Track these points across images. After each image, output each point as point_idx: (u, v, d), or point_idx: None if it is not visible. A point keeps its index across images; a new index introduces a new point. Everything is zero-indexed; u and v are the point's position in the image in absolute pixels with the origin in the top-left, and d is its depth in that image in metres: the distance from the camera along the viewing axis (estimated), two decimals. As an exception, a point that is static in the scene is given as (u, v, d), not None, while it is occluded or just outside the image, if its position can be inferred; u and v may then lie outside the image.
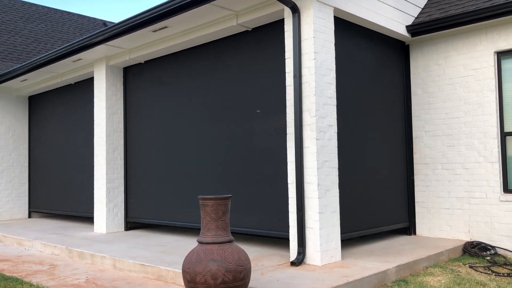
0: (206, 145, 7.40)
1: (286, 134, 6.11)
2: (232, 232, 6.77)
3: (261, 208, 6.52)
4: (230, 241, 4.27)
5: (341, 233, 6.05)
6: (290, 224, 5.70)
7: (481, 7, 6.59)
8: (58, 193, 10.91)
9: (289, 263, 5.58)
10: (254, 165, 6.65)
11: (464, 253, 6.61)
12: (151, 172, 8.42)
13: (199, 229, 8.36)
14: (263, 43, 6.60)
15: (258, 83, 6.63)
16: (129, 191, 8.92)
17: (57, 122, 11.11)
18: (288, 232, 6.07)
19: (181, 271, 5.17)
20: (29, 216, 12.03)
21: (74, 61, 9.24)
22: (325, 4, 5.77)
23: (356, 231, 6.40)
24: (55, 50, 8.85)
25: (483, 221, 6.82)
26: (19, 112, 12.03)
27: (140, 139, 8.72)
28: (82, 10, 63.98)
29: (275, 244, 6.97)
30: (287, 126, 5.76)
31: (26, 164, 12.10)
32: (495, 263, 5.97)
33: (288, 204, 6.15)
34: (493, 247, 6.58)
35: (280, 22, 6.37)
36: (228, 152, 7.03)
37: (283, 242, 7.18)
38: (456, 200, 7.10)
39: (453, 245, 6.54)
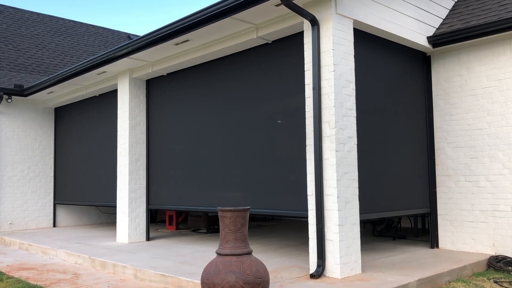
0: (228, 155, 7.46)
1: (305, 147, 6.11)
2: (256, 215, 6.78)
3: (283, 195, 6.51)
4: (248, 253, 4.28)
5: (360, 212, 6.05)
6: (309, 237, 5.68)
7: (504, 17, 6.51)
8: (82, 199, 11.12)
9: (309, 275, 5.56)
10: (274, 174, 6.66)
11: (489, 267, 6.47)
12: (173, 182, 8.51)
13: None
14: (283, 55, 6.65)
15: (278, 95, 6.67)
16: (151, 201, 9.03)
17: (82, 133, 11.35)
18: (307, 212, 6.03)
19: (200, 282, 5.21)
20: (54, 225, 12.27)
21: (98, 74, 9.46)
22: (344, 16, 5.79)
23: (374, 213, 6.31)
24: (80, 63, 9.09)
25: (508, 235, 6.67)
26: (45, 123, 12.34)
27: (162, 150, 8.84)
28: (107, 22, 65.49)
29: (295, 256, 6.95)
30: (307, 138, 5.77)
31: (52, 174, 12.37)
32: (520, 278, 5.83)
33: (306, 186, 6.13)
34: (519, 262, 6.42)
35: (300, 35, 6.41)
36: (249, 160, 7.06)
37: (303, 254, 7.15)
38: (480, 213, 6.96)
39: (477, 259, 6.41)
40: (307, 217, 5.91)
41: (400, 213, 6.77)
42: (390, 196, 6.64)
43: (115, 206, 9.88)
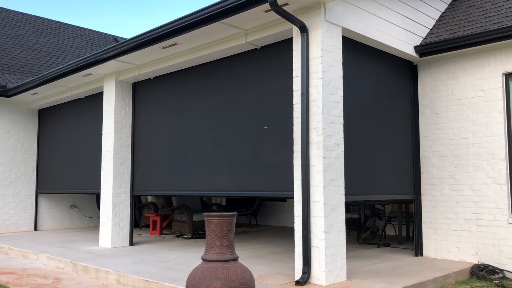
0: (214, 160, 7.41)
1: (292, 151, 6.11)
2: (242, 197, 6.73)
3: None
4: (234, 259, 4.24)
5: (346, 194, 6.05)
6: (295, 243, 5.66)
7: (489, 29, 6.61)
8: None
9: (294, 282, 5.53)
10: (261, 186, 6.64)
11: (472, 276, 6.52)
12: (158, 187, 8.43)
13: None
14: (272, 61, 6.65)
15: (265, 100, 6.66)
16: (136, 187, 8.93)
17: (66, 135, 11.20)
18: (292, 192, 6.01)
19: (185, 288, 5.14)
20: (35, 229, 12.05)
21: (84, 76, 9.35)
22: (333, 24, 5.82)
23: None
24: (66, 64, 8.97)
25: (491, 243, 6.74)
26: (28, 125, 12.15)
27: (147, 154, 8.75)
28: (94, 24, 64.95)
29: (280, 263, 6.92)
30: (294, 144, 5.77)
31: (34, 177, 12.17)
32: (503, 287, 5.88)
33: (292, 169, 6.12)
34: (502, 270, 6.48)
35: (289, 41, 6.42)
36: (235, 168, 7.03)
37: (289, 260, 7.12)
38: (464, 222, 7.02)
39: (461, 268, 6.46)
40: (292, 197, 5.94)
41: (383, 197, 6.80)
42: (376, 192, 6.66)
43: (98, 194, 9.73)
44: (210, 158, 7.46)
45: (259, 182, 6.63)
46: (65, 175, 11.10)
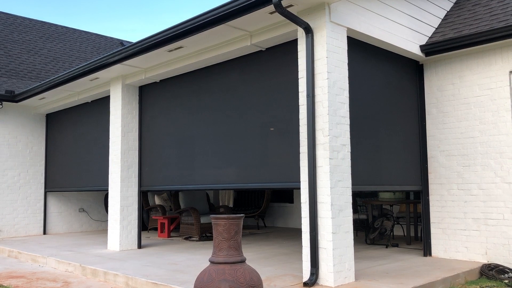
0: (220, 157, 7.43)
1: (299, 153, 6.10)
2: (246, 189, 6.74)
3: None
4: (242, 261, 4.25)
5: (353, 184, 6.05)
6: (303, 244, 5.65)
7: (495, 27, 6.57)
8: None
9: (302, 283, 5.52)
10: (267, 178, 6.64)
11: (481, 275, 6.48)
12: (166, 183, 8.45)
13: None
14: (277, 62, 6.66)
15: (271, 102, 6.67)
16: (143, 183, 8.96)
17: (73, 139, 11.27)
18: (298, 182, 6.02)
19: (193, 290, 5.15)
20: (44, 233, 12.13)
21: (91, 80, 9.41)
22: (338, 24, 5.81)
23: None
24: (73, 69, 9.04)
25: (500, 243, 6.69)
26: (36, 129, 12.24)
27: (154, 155, 8.79)
28: (100, 28, 65.33)
29: (288, 264, 6.91)
30: (300, 145, 5.77)
31: (42, 181, 12.25)
32: (513, 287, 5.84)
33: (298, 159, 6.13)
34: (511, 270, 6.43)
35: (294, 42, 6.43)
36: (241, 163, 7.04)
37: (297, 262, 7.11)
38: (472, 221, 6.98)
39: (470, 267, 6.42)
40: (299, 188, 5.94)
41: (391, 188, 6.78)
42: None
43: (105, 190, 9.79)
44: (215, 156, 7.47)
45: (265, 174, 6.63)
46: (73, 177, 11.16)
